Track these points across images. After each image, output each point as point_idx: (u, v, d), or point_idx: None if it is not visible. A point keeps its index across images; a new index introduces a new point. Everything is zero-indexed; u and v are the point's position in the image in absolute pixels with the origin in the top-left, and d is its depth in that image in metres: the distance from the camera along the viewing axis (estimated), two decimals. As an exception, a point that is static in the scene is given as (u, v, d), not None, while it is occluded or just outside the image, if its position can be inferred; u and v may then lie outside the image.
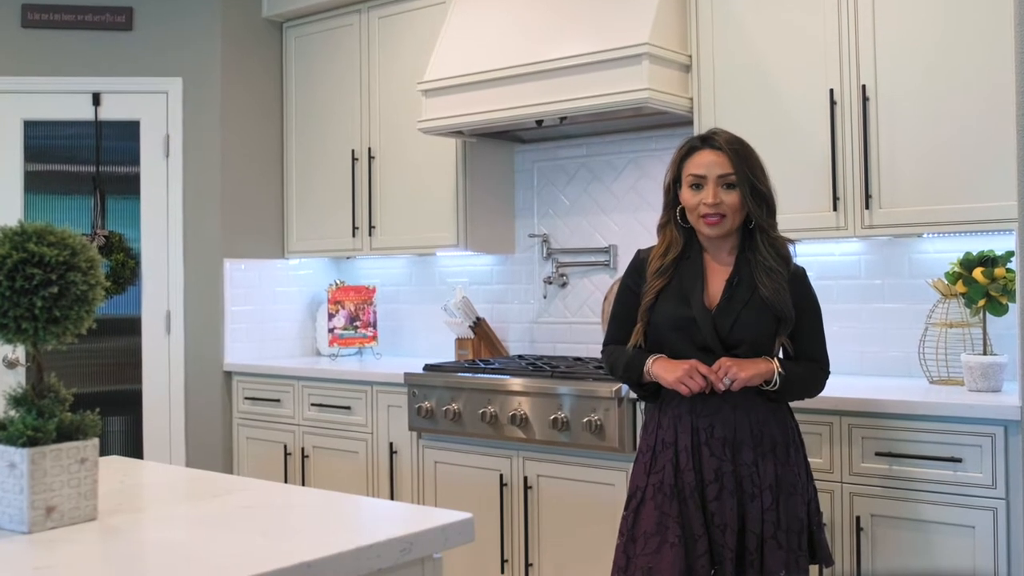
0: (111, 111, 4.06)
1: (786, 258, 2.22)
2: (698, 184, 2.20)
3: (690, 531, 2.11)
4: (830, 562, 2.26)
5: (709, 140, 2.24)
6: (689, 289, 2.21)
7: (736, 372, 2.13)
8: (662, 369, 2.20)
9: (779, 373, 2.17)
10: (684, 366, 2.15)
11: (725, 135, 2.25)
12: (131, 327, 4.06)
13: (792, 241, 2.27)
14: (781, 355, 2.26)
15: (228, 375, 4.15)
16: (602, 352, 2.41)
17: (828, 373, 2.31)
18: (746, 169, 2.18)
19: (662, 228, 2.30)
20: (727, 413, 2.16)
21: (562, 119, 3.28)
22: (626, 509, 2.22)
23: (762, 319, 2.18)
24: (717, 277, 2.23)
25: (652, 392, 2.27)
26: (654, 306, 2.24)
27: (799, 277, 2.26)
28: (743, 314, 2.17)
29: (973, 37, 2.68)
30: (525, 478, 3.18)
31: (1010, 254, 2.69)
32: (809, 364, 2.26)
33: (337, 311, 4.19)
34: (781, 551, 2.11)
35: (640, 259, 2.32)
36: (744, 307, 2.18)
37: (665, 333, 2.22)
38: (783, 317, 2.18)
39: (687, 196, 2.22)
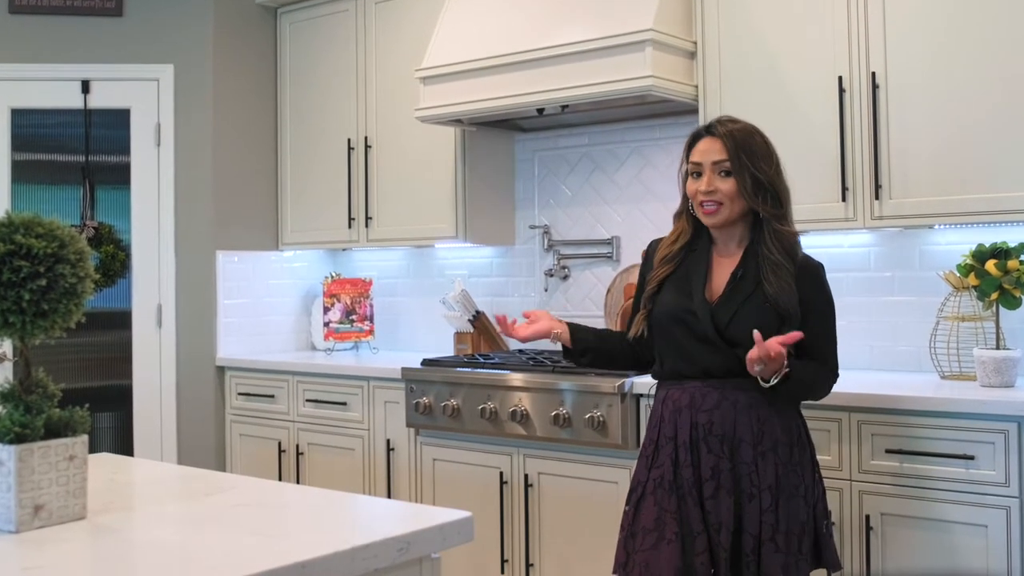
0: (101, 99, 4.02)
1: (791, 253, 2.16)
2: (697, 172, 2.19)
3: (688, 528, 2.09)
4: (837, 567, 2.21)
5: (710, 128, 2.23)
6: (692, 280, 2.19)
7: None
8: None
9: (778, 376, 2.06)
10: None
11: (729, 123, 2.21)
12: (121, 321, 4.04)
13: (797, 235, 2.22)
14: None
15: (221, 370, 4.12)
16: None
17: (837, 377, 2.25)
18: (744, 157, 2.14)
19: (677, 217, 2.31)
20: (727, 409, 2.12)
21: (564, 107, 3.26)
22: (627, 504, 2.21)
23: (763, 315, 2.12)
24: (723, 270, 2.21)
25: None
26: (657, 295, 2.22)
27: (811, 272, 2.19)
28: (743, 309, 2.13)
29: (986, 21, 2.65)
30: (526, 476, 3.15)
31: (1024, 246, 2.66)
32: (816, 365, 2.18)
33: (333, 304, 4.18)
34: (779, 554, 2.06)
35: (652, 249, 2.33)
36: (745, 301, 2.14)
37: (665, 324, 2.21)
38: (786, 315, 2.12)
39: (689, 184, 2.22)
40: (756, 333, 2.00)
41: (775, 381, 2.06)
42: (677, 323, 2.17)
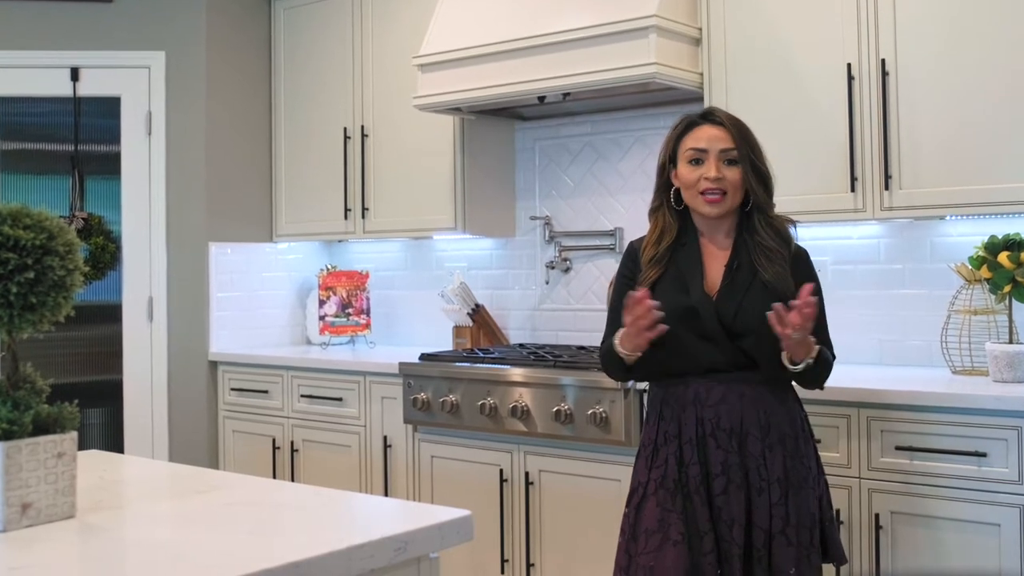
0: (90, 87, 4.00)
1: (787, 239, 2.18)
2: (698, 159, 2.16)
3: (695, 528, 2.06)
4: (843, 560, 2.21)
5: (709, 116, 2.23)
6: (688, 276, 2.16)
7: (805, 329, 1.99)
8: (620, 336, 2.12)
9: (809, 359, 2.07)
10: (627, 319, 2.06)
11: (724, 112, 2.24)
12: (111, 314, 4.01)
13: (793, 222, 2.23)
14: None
15: (213, 365, 4.10)
16: (599, 352, 2.33)
17: (835, 358, 2.25)
18: (747, 147, 2.16)
19: (654, 212, 2.27)
20: (733, 402, 2.10)
21: (565, 95, 3.24)
22: (628, 506, 2.18)
23: (766, 303, 2.09)
24: (715, 262, 2.19)
25: (651, 371, 2.19)
26: (652, 297, 2.15)
27: (801, 258, 2.21)
28: (746, 300, 2.12)
29: (997, 7, 2.61)
30: (526, 473, 3.12)
31: (1037, 237, 2.64)
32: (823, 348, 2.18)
33: (328, 297, 4.16)
34: (791, 548, 2.06)
35: (633, 249, 2.28)
36: (746, 292, 2.13)
37: (666, 323, 2.13)
38: (786, 300, 2.09)
39: (685, 172, 2.18)
40: (770, 315, 1.97)
41: (810, 361, 2.06)
42: (679, 321, 2.13)
